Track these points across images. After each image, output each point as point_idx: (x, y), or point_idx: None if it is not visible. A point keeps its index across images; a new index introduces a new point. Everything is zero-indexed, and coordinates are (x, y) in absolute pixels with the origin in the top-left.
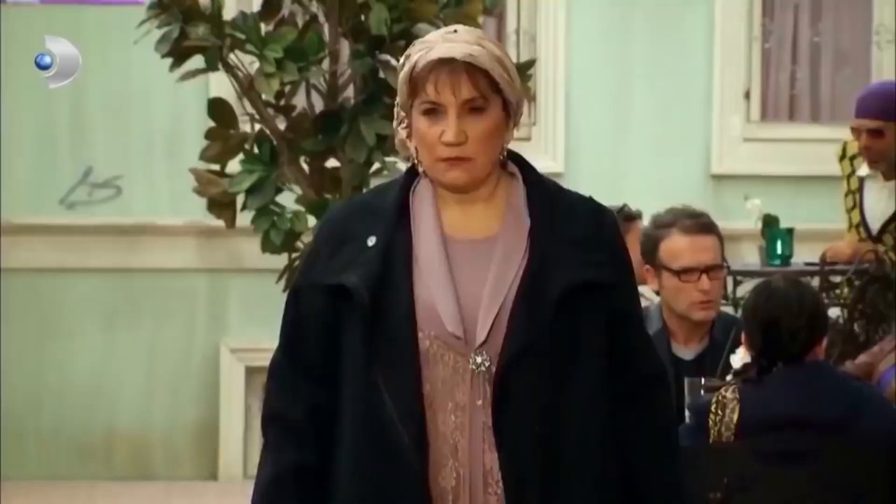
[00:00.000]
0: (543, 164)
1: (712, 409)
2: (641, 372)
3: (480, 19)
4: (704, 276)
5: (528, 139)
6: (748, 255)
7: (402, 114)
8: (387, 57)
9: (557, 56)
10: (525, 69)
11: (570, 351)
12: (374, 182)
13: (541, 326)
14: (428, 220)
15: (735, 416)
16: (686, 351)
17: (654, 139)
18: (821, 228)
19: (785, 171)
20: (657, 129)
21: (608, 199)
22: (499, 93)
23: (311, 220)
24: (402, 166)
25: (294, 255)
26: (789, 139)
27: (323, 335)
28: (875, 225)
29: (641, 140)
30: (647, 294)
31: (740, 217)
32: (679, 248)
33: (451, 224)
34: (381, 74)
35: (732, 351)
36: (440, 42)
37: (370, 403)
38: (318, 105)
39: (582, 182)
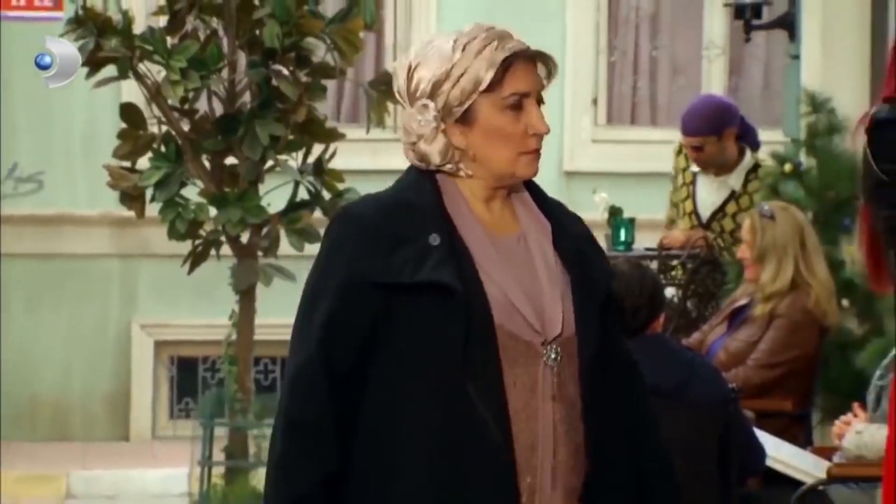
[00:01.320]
0: None
1: None
2: (623, 350)
3: (361, 34)
4: None
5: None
6: None
7: (443, 124)
8: (279, 67)
9: None
10: None
11: (606, 337)
12: (269, 177)
13: (596, 316)
14: (468, 218)
15: None
16: None
17: None
18: (659, 218)
19: (628, 169)
20: None
21: None
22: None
23: (213, 211)
24: (293, 164)
25: (197, 241)
26: (631, 140)
27: (366, 334)
28: (705, 214)
29: None
30: None
31: (589, 209)
32: None
33: (484, 222)
34: (274, 82)
35: None
36: (500, 39)
37: (453, 405)
38: (219, 109)
39: None
